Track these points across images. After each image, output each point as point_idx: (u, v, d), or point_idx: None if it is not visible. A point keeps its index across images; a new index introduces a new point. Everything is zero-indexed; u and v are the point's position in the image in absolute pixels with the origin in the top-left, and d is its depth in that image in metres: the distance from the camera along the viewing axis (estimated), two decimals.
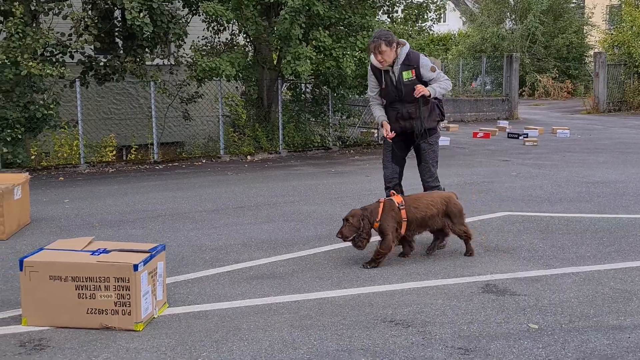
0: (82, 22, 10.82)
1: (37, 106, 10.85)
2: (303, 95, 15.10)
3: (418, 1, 14.02)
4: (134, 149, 12.38)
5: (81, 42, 10.81)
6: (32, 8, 11.03)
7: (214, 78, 12.41)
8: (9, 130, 10.70)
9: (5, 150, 10.73)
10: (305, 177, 10.70)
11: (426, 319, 4.42)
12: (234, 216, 7.69)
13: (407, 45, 6.12)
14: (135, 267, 4.26)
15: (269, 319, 4.46)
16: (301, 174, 11.10)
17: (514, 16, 33.76)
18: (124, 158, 13.40)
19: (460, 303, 4.73)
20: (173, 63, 13.40)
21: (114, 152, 12.14)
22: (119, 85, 14.10)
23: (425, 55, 6.26)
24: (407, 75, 5.97)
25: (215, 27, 13.79)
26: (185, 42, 12.72)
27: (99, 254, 4.44)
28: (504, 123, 19.94)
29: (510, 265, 5.66)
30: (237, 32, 13.88)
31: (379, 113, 6.29)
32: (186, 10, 13.28)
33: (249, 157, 12.96)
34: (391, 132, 6.15)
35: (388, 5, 13.77)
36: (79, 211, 7.96)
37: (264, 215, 7.75)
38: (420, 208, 5.72)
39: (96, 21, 10.90)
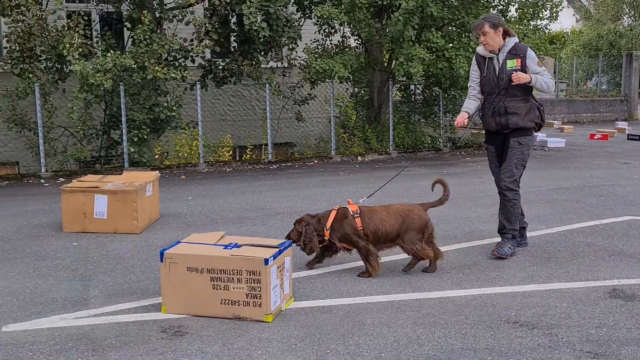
0: (204, 28, 11.32)
1: (161, 108, 11.46)
2: (413, 97, 15.10)
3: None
4: (249, 149, 12.82)
5: (202, 46, 11.32)
6: (157, 15, 11.66)
7: (327, 80, 12.64)
8: (135, 131, 11.36)
9: (132, 150, 11.40)
10: (416, 178, 10.72)
11: (551, 322, 4.39)
12: None
13: (516, 38, 5.91)
14: (266, 261, 4.47)
15: (392, 316, 4.56)
16: (413, 175, 11.13)
17: (632, 12, 32.19)
18: (236, 158, 13.86)
19: (586, 307, 4.65)
20: (286, 65, 13.75)
21: (231, 152, 12.61)
22: (233, 88, 14.60)
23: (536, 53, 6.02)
24: (512, 64, 5.73)
25: (327, 30, 14.04)
26: (297, 45, 13.04)
27: (231, 248, 4.70)
28: (622, 124, 19.13)
29: (637, 270, 5.49)
30: (349, 34, 14.07)
31: (466, 104, 6.10)
32: (299, 14, 13.59)
33: (359, 157, 13.11)
34: (485, 133, 6.04)
35: (503, 5, 13.54)
36: (202, 208, 8.36)
37: None
38: (373, 220, 5.40)
39: (216, 26, 11.37)
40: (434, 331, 4.27)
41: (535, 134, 6.12)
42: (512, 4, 13.66)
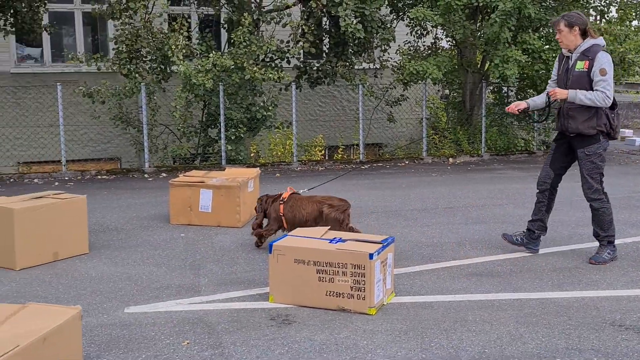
0: (300, 30, 11.61)
1: (257, 108, 11.82)
2: (507, 99, 14.92)
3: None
4: (340, 149, 13.03)
5: (298, 48, 11.61)
6: (255, 17, 12.03)
7: (419, 81, 12.70)
8: (233, 130, 11.77)
9: (229, 147, 11.81)
10: (510, 180, 10.63)
11: None
12: (444, 216, 7.90)
13: (599, 41, 5.69)
14: (371, 255, 4.63)
15: (493, 314, 4.63)
16: (506, 177, 11.04)
17: None
18: (326, 157, 14.08)
19: None
20: (378, 67, 13.88)
21: (323, 152, 12.86)
22: (324, 89, 14.84)
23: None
24: (580, 65, 5.61)
25: (419, 32, 14.08)
26: (390, 47, 13.15)
27: (336, 242, 4.88)
28: None
29: None
30: (442, 35, 14.06)
31: (535, 97, 6.11)
32: (392, 15, 13.69)
33: (450, 159, 13.09)
34: (557, 132, 5.95)
35: (603, 5, 13.20)
36: None
37: (473, 216, 7.88)
38: (294, 208, 6.10)
39: (312, 28, 11.64)
40: (536, 330, 4.32)
41: (605, 140, 5.74)
42: (613, 4, 13.29)
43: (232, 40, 11.52)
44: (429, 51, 13.91)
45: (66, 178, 11.16)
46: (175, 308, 4.81)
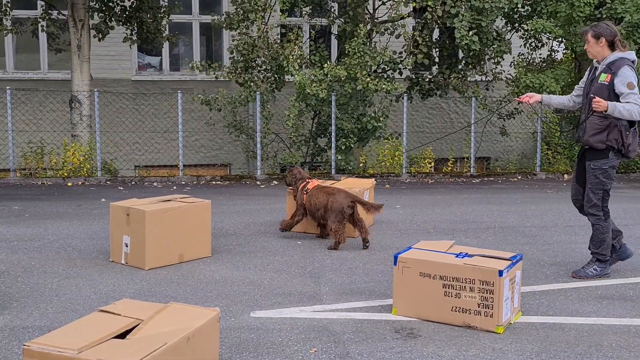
0: (414, 41, 11.57)
1: (368, 118, 11.85)
2: None
3: None
4: (450, 161, 12.87)
5: (412, 59, 11.56)
6: (368, 28, 12.09)
7: None
8: (344, 140, 11.85)
9: (339, 157, 11.90)
10: (633, 199, 10.16)
11: None
12: (565, 234, 7.62)
13: (627, 55, 5.58)
14: (500, 272, 4.51)
15: (630, 340, 4.40)
16: (627, 196, 10.55)
17: None
18: (433, 170, 13.91)
19: None
20: (490, 79, 13.62)
21: (432, 164, 12.73)
22: (431, 100, 14.71)
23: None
24: (603, 77, 5.54)
25: (533, 43, 13.71)
26: (503, 59, 12.88)
27: (462, 257, 4.79)
28: None
29: None
30: (558, 47, 13.63)
31: (556, 96, 6.37)
32: (506, 27, 13.40)
33: (565, 175, 12.64)
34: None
35: None
36: (412, 217, 8.54)
37: None
38: (311, 198, 6.82)
39: (426, 40, 11.57)
40: None
41: (615, 157, 5.61)
42: None
43: (346, 51, 11.61)
44: (544, 64, 13.52)
45: (183, 182, 11.57)
46: (299, 315, 4.86)
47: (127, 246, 6.00)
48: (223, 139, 15.31)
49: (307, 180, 7.03)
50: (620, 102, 5.45)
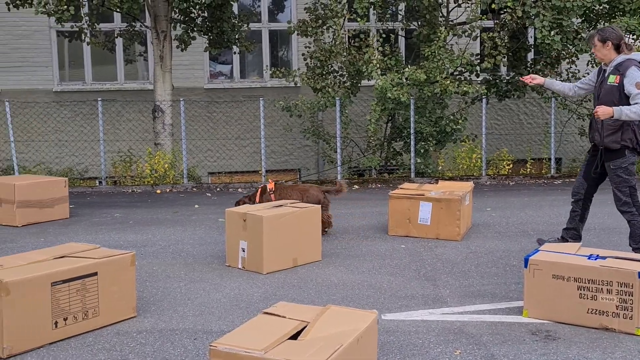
0: (492, 42, 11.50)
1: (447, 121, 11.84)
2: None
3: None
4: (529, 163, 12.73)
5: (490, 61, 11.51)
6: (447, 31, 12.07)
7: None
8: (422, 143, 11.87)
9: (418, 160, 11.92)
10: None
11: None
12: None
13: (633, 56, 5.82)
14: (639, 274, 4.49)
15: None
16: None
17: None
18: (507, 172, 13.79)
19: None
20: (566, 78, 13.44)
21: (511, 165, 12.62)
22: (501, 102, 14.59)
23: None
24: (612, 79, 5.79)
25: None
26: (578, 58, 12.71)
27: (595, 259, 4.78)
28: None
29: None
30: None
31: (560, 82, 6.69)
32: (584, 25, 13.21)
33: None
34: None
35: None
36: (507, 219, 8.50)
37: None
38: (282, 195, 7.28)
39: (505, 41, 11.50)
40: None
41: (631, 154, 5.90)
42: None
43: (425, 54, 11.62)
44: None
45: None
46: (429, 317, 4.91)
47: (244, 251, 6.14)
48: (293, 144, 15.47)
49: (258, 189, 7.61)
50: (630, 102, 5.69)
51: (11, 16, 12.96)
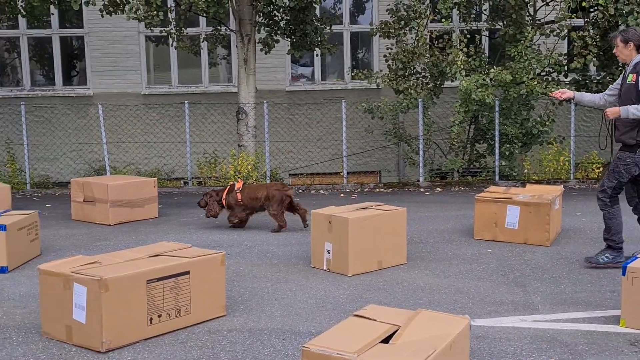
0: (582, 42, 11.13)
1: (533, 123, 11.54)
2: None
3: None
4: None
5: (580, 61, 11.14)
6: (534, 31, 11.77)
7: None
8: (507, 145, 11.61)
9: (503, 163, 11.66)
10: None
11: None
12: None
13: None
14: None
15: None
16: None
17: None
18: (596, 175, 13.31)
19: None
20: None
21: (601, 169, 12.18)
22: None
23: None
24: (630, 78, 5.91)
25: None
26: None
27: None
28: None
29: None
30: None
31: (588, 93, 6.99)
32: None
33: None
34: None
35: None
36: (598, 225, 8.08)
37: None
38: (250, 194, 7.87)
39: (596, 40, 11.10)
40: None
41: None
42: None
43: (511, 54, 11.36)
44: None
45: (347, 190, 11.75)
46: (520, 324, 4.79)
47: (329, 252, 6.17)
48: (373, 146, 15.43)
49: (226, 187, 8.05)
50: None
51: (103, 22, 13.49)
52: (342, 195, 11.17)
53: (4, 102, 14.95)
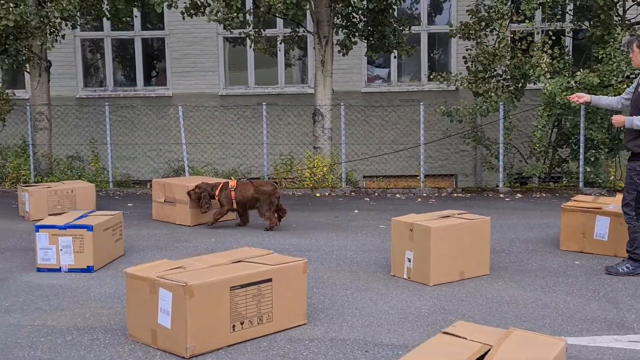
0: None
1: (621, 128, 11.04)
2: None
3: None
4: None
5: None
6: (623, 32, 11.29)
7: None
8: (592, 151, 11.17)
9: (587, 169, 11.23)
10: None
11: None
12: None
13: None
14: None
15: None
16: None
17: None
18: None
19: None
20: None
21: None
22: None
23: None
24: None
25: None
26: None
27: None
28: None
29: None
30: None
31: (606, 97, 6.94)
32: None
33: None
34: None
35: None
36: None
37: None
38: (242, 192, 8.07)
39: None
40: None
41: None
42: None
43: (599, 56, 10.93)
44: None
45: (424, 194, 11.56)
46: (615, 345, 4.55)
47: (409, 261, 6.04)
48: (450, 149, 15.16)
49: (221, 183, 8.23)
50: None
51: (183, 24, 13.72)
52: (419, 199, 10.99)
53: (88, 102, 15.45)
